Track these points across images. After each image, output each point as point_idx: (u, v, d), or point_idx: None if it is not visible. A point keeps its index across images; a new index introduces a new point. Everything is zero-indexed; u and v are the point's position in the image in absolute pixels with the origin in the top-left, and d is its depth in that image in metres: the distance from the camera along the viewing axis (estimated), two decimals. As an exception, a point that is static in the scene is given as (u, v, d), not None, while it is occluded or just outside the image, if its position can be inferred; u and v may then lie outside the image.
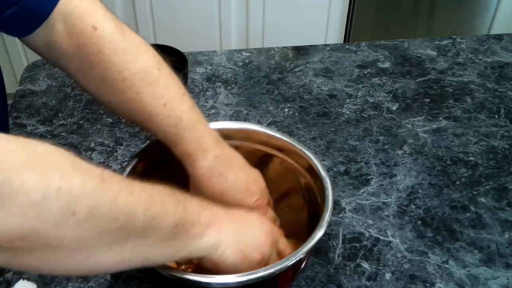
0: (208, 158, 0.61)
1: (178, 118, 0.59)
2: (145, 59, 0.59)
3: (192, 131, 0.60)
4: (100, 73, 0.57)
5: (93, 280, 0.67)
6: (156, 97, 0.58)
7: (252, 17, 1.99)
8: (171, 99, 0.59)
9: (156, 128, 0.60)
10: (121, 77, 0.57)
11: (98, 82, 0.58)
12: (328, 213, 0.58)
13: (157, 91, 0.59)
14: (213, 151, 0.61)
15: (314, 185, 0.65)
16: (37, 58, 1.08)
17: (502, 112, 0.96)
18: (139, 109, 0.59)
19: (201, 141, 0.60)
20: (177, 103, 0.60)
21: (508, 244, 0.72)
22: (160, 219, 0.45)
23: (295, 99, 0.98)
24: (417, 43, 1.15)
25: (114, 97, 0.59)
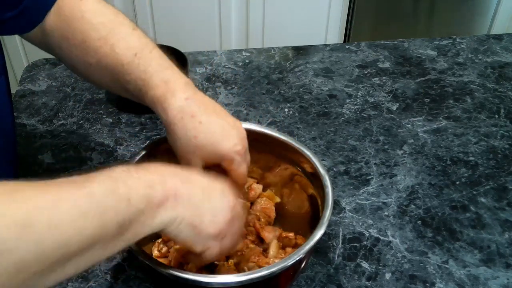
0: (178, 99, 0.59)
1: (147, 64, 0.60)
2: (122, 19, 0.64)
3: (160, 74, 0.60)
4: (81, 36, 0.62)
5: (93, 280, 0.67)
6: (129, 47, 0.62)
7: (252, 17, 1.99)
8: (142, 50, 0.61)
9: (128, 78, 0.61)
10: (99, 35, 0.62)
11: (80, 46, 0.62)
12: (328, 211, 0.58)
13: (129, 44, 0.62)
14: (183, 93, 0.59)
15: (314, 185, 0.65)
16: (37, 58, 1.08)
17: (502, 112, 0.96)
18: (113, 63, 0.61)
19: (169, 83, 0.60)
20: (147, 52, 0.61)
21: (508, 244, 0.72)
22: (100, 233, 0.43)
23: (295, 99, 0.98)
24: (417, 43, 1.15)
25: (93, 57, 0.62)
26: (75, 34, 0.62)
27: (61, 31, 0.63)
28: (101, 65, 0.62)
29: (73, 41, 0.63)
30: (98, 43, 0.62)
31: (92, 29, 0.62)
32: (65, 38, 0.63)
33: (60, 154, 0.85)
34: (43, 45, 0.67)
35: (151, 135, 0.89)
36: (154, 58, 0.61)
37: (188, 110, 0.59)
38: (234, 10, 1.98)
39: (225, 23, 2.00)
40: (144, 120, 0.92)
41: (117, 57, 0.61)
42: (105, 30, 0.62)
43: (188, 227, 0.50)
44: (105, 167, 0.46)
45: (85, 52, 0.62)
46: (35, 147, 0.86)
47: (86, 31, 0.62)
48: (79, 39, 0.62)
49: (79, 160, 0.84)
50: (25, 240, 0.37)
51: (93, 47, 0.62)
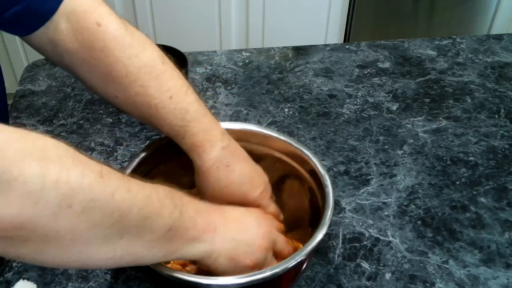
0: (216, 149, 0.61)
1: (184, 110, 0.60)
2: (150, 53, 0.59)
3: (199, 122, 0.60)
4: (105, 68, 0.58)
5: (93, 280, 0.67)
6: (162, 90, 0.59)
7: (252, 17, 1.99)
8: (177, 92, 0.60)
9: (163, 121, 0.60)
10: (126, 71, 0.58)
11: (103, 78, 0.59)
12: (329, 212, 0.58)
13: (163, 84, 0.59)
14: (220, 142, 0.61)
15: (315, 186, 0.65)
16: (37, 58, 1.08)
17: (502, 112, 0.96)
18: (145, 103, 0.59)
19: (208, 132, 0.61)
20: (183, 95, 0.60)
21: (508, 244, 0.72)
22: (154, 220, 0.46)
23: (295, 99, 0.98)
24: (417, 43, 1.15)
25: (120, 92, 0.59)
26: (98, 65, 0.58)
27: (81, 57, 0.58)
28: (129, 101, 0.60)
29: (97, 71, 0.59)
30: (126, 81, 0.58)
31: (118, 64, 0.58)
32: (86, 65, 0.59)
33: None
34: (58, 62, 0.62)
35: (151, 135, 0.89)
36: (190, 103, 0.60)
37: (224, 160, 0.61)
38: (234, 10, 1.98)
39: (225, 23, 2.00)
40: (144, 120, 0.92)
41: (150, 99, 0.59)
42: (133, 67, 0.58)
43: (227, 261, 0.53)
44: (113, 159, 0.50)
45: (111, 84, 0.59)
46: (35, 147, 0.86)
47: (111, 65, 0.58)
48: (103, 71, 0.58)
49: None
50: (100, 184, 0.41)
51: (120, 82, 0.58)
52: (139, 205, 0.44)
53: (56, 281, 0.66)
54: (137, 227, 0.44)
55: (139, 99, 0.59)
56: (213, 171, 0.61)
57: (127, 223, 0.43)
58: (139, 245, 0.45)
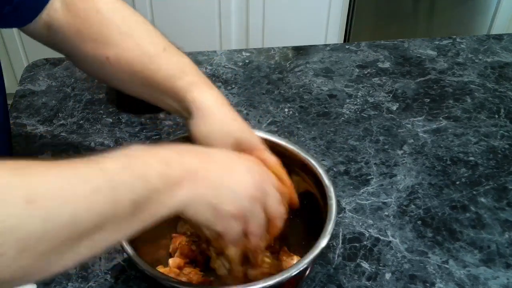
0: (215, 89, 0.61)
1: (179, 56, 0.62)
2: (141, 17, 0.64)
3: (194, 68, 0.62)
4: (99, 29, 0.61)
5: (93, 280, 0.67)
6: (155, 43, 0.62)
7: (252, 17, 1.99)
8: (169, 45, 0.62)
9: (156, 68, 0.60)
10: (119, 30, 0.61)
11: (96, 39, 0.61)
12: (331, 223, 0.58)
13: (155, 39, 0.62)
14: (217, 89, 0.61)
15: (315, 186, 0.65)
16: (37, 58, 1.08)
17: (502, 112, 0.96)
18: (136, 56, 0.61)
19: (204, 76, 0.62)
20: (174, 49, 0.62)
21: (508, 244, 0.72)
22: (112, 210, 0.40)
23: (295, 99, 0.98)
24: (417, 43, 1.15)
25: (111, 50, 0.61)
26: (92, 27, 0.61)
27: (74, 26, 0.61)
28: (120, 59, 0.61)
29: (88, 34, 0.61)
30: (119, 37, 0.60)
31: (111, 24, 0.61)
32: (79, 32, 0.61)
33: (60, 154, 0.85)
34: (50, 41, 0.65)
35: (151, 135, 0.89)
36: (184, 54, 0.62)
37: (224, 101, 0.61)
38: (234, 10, 1.98)
39: (225, 23, 2.00)
40: (144, 120, 0.92)
41: (143, 49, 0.61)
42: (126, 27, 0.61)
43: (207, 206, 0.47)
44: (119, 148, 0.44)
45: (102, 44, 0.61)
46: (35, 147, 0.86)
47: (104, 25, 0.61)
48: (95, 32, 0.61)
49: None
50: (30, 216, 0.35)
51: (113, 40, 0.60)
52: (84, 208, 0.38)
53: (56, 281, 0.66)
54: (92, 226, 0.39)
55: (131, 53, 0.61)
56: (218, 106, 0.59)
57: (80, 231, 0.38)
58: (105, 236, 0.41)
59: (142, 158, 0.44)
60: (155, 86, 0.62)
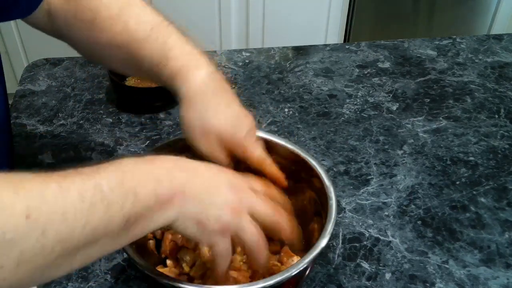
0: (203, 71, 0.57)
1: (166, 37, 0.59)
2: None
3: (181, 48, 0.58)
4: (90, 14, 0.60)
5: (93, 280, 0.67)
6: (142, 21, 0.60)
7: (252, 17, 1.99)
8: (158, 24, 0.60)
9: (144, 53, 0.59)
10: (109, 13, 0.60)
11: (89, 25, 0.60)
12: (331, 223, 0.58)
13: (144, 18, 0.60)
14: (207, 66, 0.58)
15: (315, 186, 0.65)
16: (37, 58, 1.08)
17: (502, 112, 0.96)
18: (126, 40, 0.59)
19: (193, 55, 0.58)
20: (164, 27, 0.60)
21: (508, 244, 0.72)
22: (104, 225, 0.41)
23: (295, 99, 0.98)
24: (417, 43, 1.15)
25: (104, 36, 0.60)
26: (84, 13, 0.61)
27: (68, 12, 0.62)
28: (112, 44, 0.60)
29: (82, 21, 0.61)
30: (109, 21, 0.60)
31: (102, 7, 0.60)
32: (73, 18, 0.62)
33: (60, 154, 0.85)
34: (50, 29, 0.65)
35: (151, 135, 0.89)
36: (173, 32, 0.59)
37: (211, 85, 0.57)
38: (234, 10, 1.98)
39: (225, 23, 2.00)
40: (144, 120, 0.92)
41: (131, 33, 0.59)
42: (116, 8, 0.60)
43: (193, 222, 0.49)
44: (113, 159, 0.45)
45: (95, 31, 0.60)
46: (35, 147, 0.86)
47: (96, 9, 0.60)
48: (88, 18, 0.60)
49: (79, 160, 0.84)
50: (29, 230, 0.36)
51: (104, 25, 0.60)
52: (81, 224, 0.39)
53: (56, 281, 0.66)
54: (86, 241, 0.40)
55: (121, 37, 0.59)
56: (200, 94, 0.56)
57: (75, 245, 0.39)
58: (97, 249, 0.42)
59: (134, 175, 0.45)
60: (147, 72, 0.60)
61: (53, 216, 0.38)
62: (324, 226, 0.58)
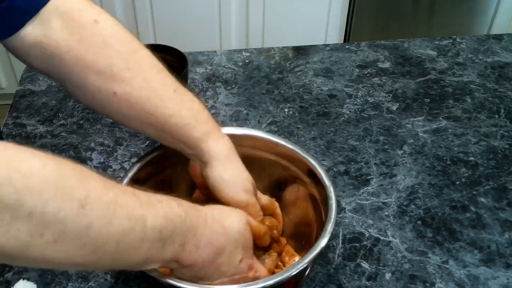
0: (225, 138, 0.62)
1: (191, 100, 0.60)
2: (147, 51, 0.60)
3: (206, 114, 0.61)
4: (104, 63, 0.56)
5: (93, 280, 0.67)
6: (165, 83, 0.59)
7: (252, 17, 1.99)
8: (179, 87, 0.60)
9: (169, 114, 0.58)
10: (127, 65, 0.57)
11: (102, 72, 0.56)
12: (331, 223, 0.58)
13: (165, 80, 0.59)
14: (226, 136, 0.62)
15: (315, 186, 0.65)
16: (37, 58, 1.08)
17: (502, 112, 0.96)
18: (147, 96, 0.58)
19: (215, 122, 0.62)
20: (184, 90, 0.61)
21: (508, 244, 0.72)
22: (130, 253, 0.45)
23: (295, 99, 0.98)
24: (417, 43, 1.15)
25: (120, 87, 0.57)
26: (97, 60, 0.56)
27: (76, 54, 0.56)
28: (129, 97, 0.57)
29: (94, 67, 0.56)
30: (128, 74, 0.57)
31: (119, 58, 0.57)
32: (82, 61, 0.56)
33: (60, 154, 0.85)
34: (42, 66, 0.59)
35: (151, 135, 0.89)
36: (194, 97, 0.61)
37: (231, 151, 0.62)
38: (234, 10, 1.98)
39: (225, 23, 2.00)
40: (144, 120, 0.92)
41: (154, 90, 0.58)
42: (135, 62, 0.58)
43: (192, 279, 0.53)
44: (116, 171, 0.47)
45: (109, 79, 0.56)
46: (35, 147, 0.86)
47: (111, 59, 0.56)
48: (102, 65, 0.56)
49: (79, 160, 0.84)
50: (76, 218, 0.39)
51: (122, 76, 0.56)
52: (116, 238, 0.43)
53: (56, 281, 0.66)
54: (111, 258, 0.44)
55: (141, 93, 0.57)
56: (226, 155, 0.61)
57: (101, 255, 0.43)
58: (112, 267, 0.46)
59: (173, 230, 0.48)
60: (167, 131, 0.60)
61: (101, 218, 0.41)
62: (324, 226, 0.58)
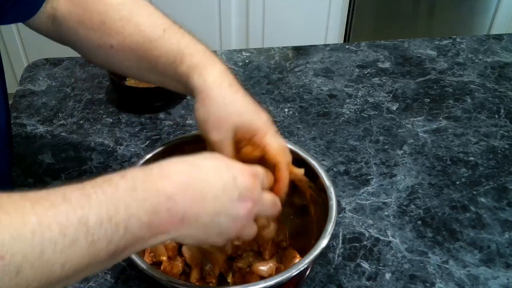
0: (217, 67, 0.59)
1: (179, 37, 0.60)
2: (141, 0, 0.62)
3: (196, 46, 0.60)
4: (99, 18, 0.60)
5: (93, 280, 0.67)
6: (155, 25, 0.60)
7: (252, 17, 1.99)
8: (170, 26, 0.61)
9: (158, 53, 0.59)
10: (119, 15, 0.60)
11: (98, 30, 0.60)
12: (331, 223, 0.58)
13: (156, 21, 0.61)
14: (221, 64, 0.60)
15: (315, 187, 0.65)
16: (37, 58, 1.08)
17: (502, 112, 0.96)
18: (138, 41, 0.60)
19: (206, 53, 0.59)
20: (176, 28, 0.61)
21: (508, 244, 0.72)
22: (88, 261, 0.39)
23: (295, 99, 0.98)
24: (417, 43, 1.15)
25: (114, 39, 0.60)
26: (93, 16, 0.60)
27: (76, 16, 0.61)
28: (124, 46, 0.60)
29: (91, 24, 0.61)
30: (120, 23, 0.60)
31: (111, 10, 0.60)
32: (81, 22, 0.61)
33: (60, 154, 0.85)
34: (55, 35, 0.65)
35: (151, 135, 0.89)
36: (184, 33, 0.61)
37: (226, 79, 0.59)
38: (234, 10, 1.98)
39: (225, 23, 2.00)
40: (144, 120, 0.92)
41: (144, 34, 0.60)
42: (126, 10, 0.60)
43: (192, 241, 0.48)
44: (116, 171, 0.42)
45: (105, 33, 0.60)
46: (35, 147, 0.86)
47: (105, 12, 0.60)
48: (97, 21, 0.60)
49: (79, 160, 0.84)
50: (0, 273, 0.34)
51: (115, 27, 0.60)
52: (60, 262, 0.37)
53: (56, 281, 0.66)
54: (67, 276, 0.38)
55: (133, 39, 0.60)
56: (215, 87, 0.57)
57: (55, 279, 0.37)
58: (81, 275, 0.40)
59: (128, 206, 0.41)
60: (162, 73, 0.61)
61: (29, 255, 0.35)
62: (324, 226, 0.58)
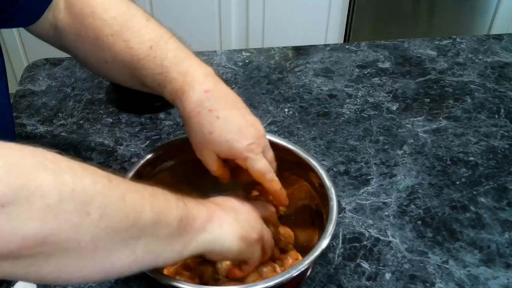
0: (196, 92, 0.57)
1: (163, 58, 0.59)
2: (134, 12, 0.62)
3: (178, 66, 0.59)
4: (94, 33, 0.60)
5: (93, 280, 0.67)
6: (143, 41, 0.60)
7: (252, 17, 1.99)
8: (157, 42, 0.60)
9: (145, 73, 0.59)
10: (112, 31, 0.60)
11: (93, 45, 0.61)
12: (332, 224, 0.58)
13: (144, 37, 0.60)
14: (201, 85, 0.58)
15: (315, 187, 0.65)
16: (37, 58, 1.08)
17: (502, 112, 0.96)
18: (128, 58, 0.60)
19: (188, 75, 0.58)
20: (163, 44, 0.60)
21: (508, 244, 0.72)
22: (166, 214, 0.46)
23: (295, 99, 0.98)
24: (417, 43, 1.15)
25: (107, 54, 0.60)
26: (88, 31, 0.61)
27: (74, 29, 0.62)
28: (117, 62, 0.61)
29: (87, 39, 0.61)
30: (111, 40, 0.60)
31: (104, 25, 0.60)
32: (78, 35, 0.62)
33: (60, 154, 0.85)
34: (56, 43, 0.66)
35: (151, 135, 0.89)
36: (170, 49, 0.59)
37: (206, 104, 0.57)
38: (234, 10, 1.98)
39: (225, 23, 2.00)
40: (144, 120, 0.92)
41: (132, 52, 0.60)
42: (118, 25, 0.60)
43: (239, 241, 0.53)
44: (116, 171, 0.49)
45: (100, 49, 0.61)
46: (35, 147, 0.86)
47: (98, 28, 0.60)
48: (92, 37, 0.61)
49: (79, 160, 0.84)
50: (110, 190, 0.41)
51: (107, 44, 0.60)
52: (149, 203, 0.44)
53: (56, 281, 0.66)
54: (152, 224, 0.44)
55: (123, 55, 0.60)
56: (193, 115, 0.57)
57: (143, 222, 0.43)
58: (156, 242, 0.45)
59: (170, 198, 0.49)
60: (151, 90, 0.62)
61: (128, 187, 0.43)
62: (324, 227, 0.58)
